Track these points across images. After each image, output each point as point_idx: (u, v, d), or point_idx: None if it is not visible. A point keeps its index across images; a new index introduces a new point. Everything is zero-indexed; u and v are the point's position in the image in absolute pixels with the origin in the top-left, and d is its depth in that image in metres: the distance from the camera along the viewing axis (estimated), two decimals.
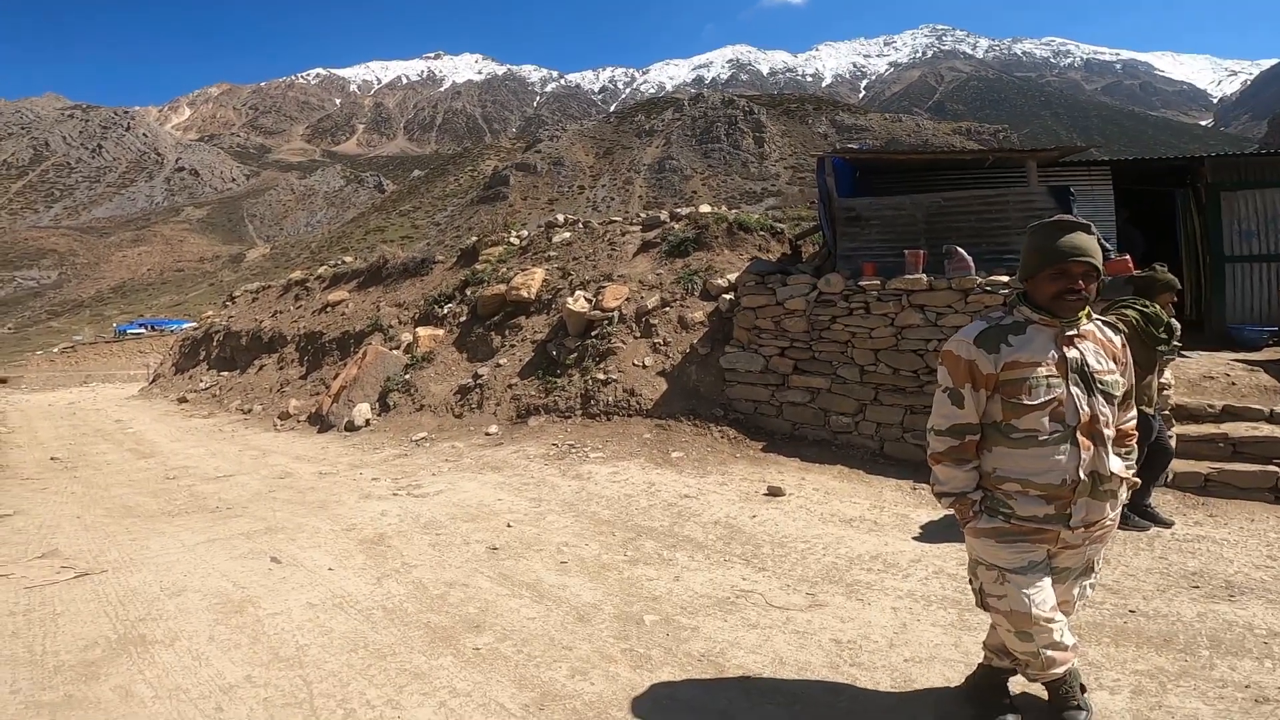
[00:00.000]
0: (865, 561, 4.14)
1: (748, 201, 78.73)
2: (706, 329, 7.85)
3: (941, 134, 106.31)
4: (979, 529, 2.40)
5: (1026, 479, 2.31)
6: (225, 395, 13.47)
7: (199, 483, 6.91)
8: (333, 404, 9.58)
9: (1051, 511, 2.30)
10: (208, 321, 19.02)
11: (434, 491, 5.90)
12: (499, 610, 3.62)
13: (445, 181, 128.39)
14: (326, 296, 14.09)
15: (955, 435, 2.38)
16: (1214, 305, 7.80)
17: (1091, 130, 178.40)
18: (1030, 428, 2.28)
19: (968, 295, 6.02)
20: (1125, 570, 3.89)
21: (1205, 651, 3.02)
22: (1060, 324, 2.31)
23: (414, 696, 2.84)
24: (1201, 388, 5.91)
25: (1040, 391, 2.27)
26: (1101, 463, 2.30)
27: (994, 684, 2.63)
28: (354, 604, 3.74)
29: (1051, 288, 2.29)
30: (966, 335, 2.38)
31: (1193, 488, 5.12)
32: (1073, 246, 2.26)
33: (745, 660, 3.07)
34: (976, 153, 8.24)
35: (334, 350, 11.94)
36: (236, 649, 3.25)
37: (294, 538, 4.89)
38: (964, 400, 2.35)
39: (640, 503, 5.37)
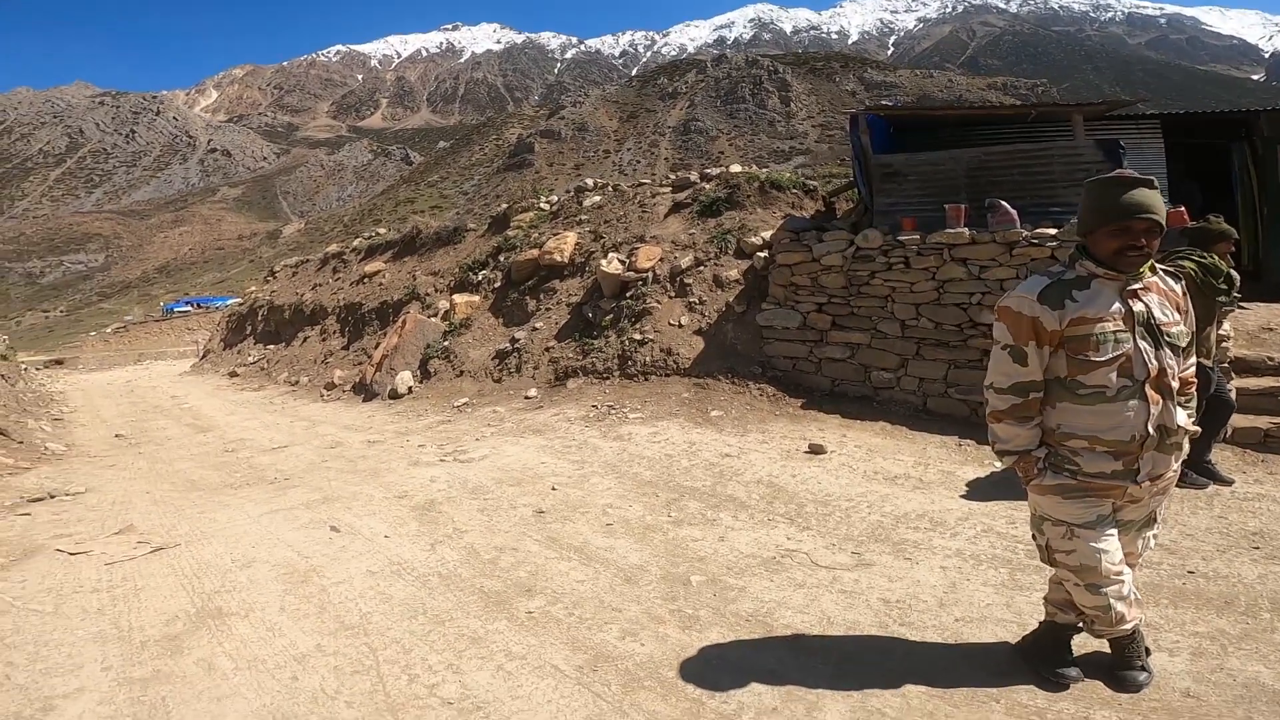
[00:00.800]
0: (911, 520, 4.11)
1: (776, 160, 76.96)
2: (742, 287, 7.78)
3: (976, 89, 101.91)
4: (1044, 486, 2.36)
5: (1094, 435, 2.27)
6: (272, 368, 13.85)
7: (256, 455, 7.15)
8: (376, 373, 9.80)
9: (1120, 467, 2.27)
10: (251, 297, 19.49)
11: (479, 456, 6.02)
12: (549, 574, 3.66)
13: (470, 151, 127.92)
14: (363, 268, 14.29)
15: (1018, 393, 2.34)
16: (1272, 256, 7.51)
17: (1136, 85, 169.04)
18: (1098, 384, 2.24)
19: (1013, 248, 5.87)
20: (1183, 530, 3.80)
21: (1267, 614, 2.95)
22: (1124, 278, 2.25)
23: (473, 660, 2.88)
24: (1260, 340, 5.69)
25: (1108, 347, 2.22)
26: (1169, 416, 2.26)
27: (1057, 640, 2.61)
28: (411, 571, 3.80)
29: (1113, 244, 2.22)
30: (1029, 291, 2.31)
31: (1252, 444, 4.96)
32: (1135, 203, 2.18)
33: (793, 620, 3.08)
34: (1018, 108, 7.95)
35: (374, 320, 12.16)
36: (306, 619, 3.33)
37: (349, 506, 5.01)
38: (1027, 357, 2.30)
39: (681, 463, 5.41)
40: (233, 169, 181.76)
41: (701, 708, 2.51)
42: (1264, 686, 2.45)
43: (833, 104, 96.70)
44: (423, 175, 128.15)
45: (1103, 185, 2.27)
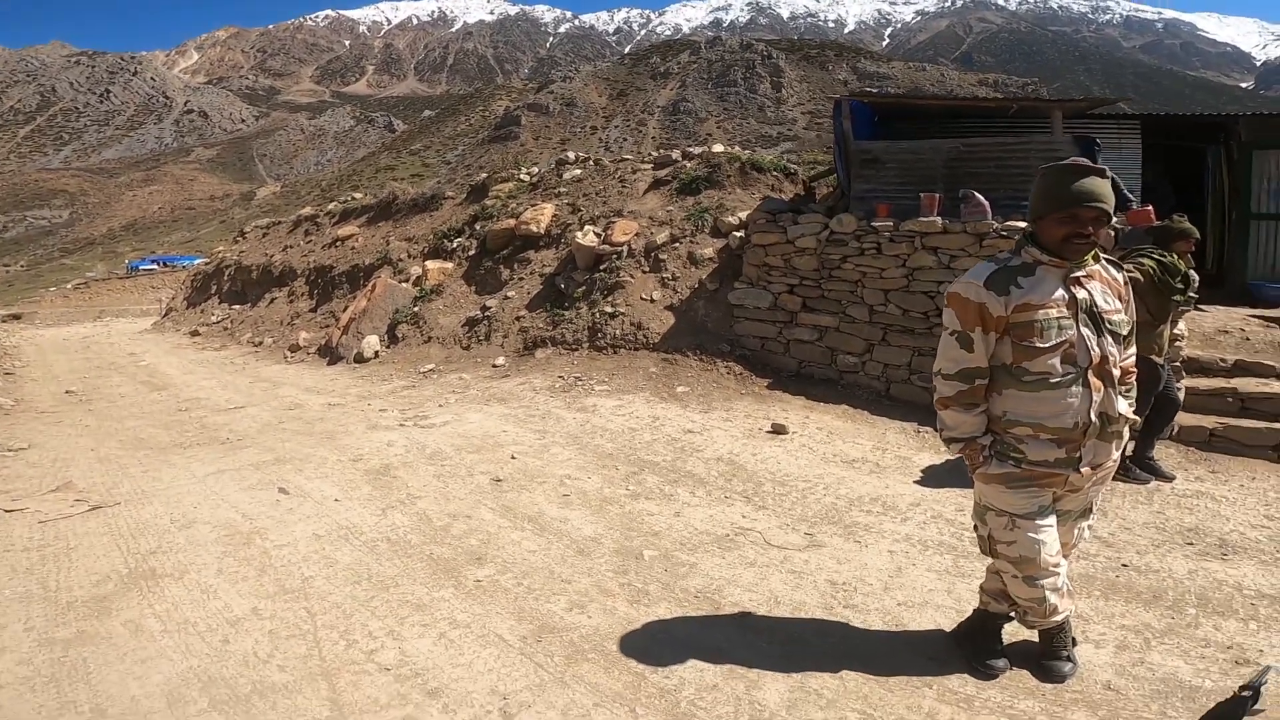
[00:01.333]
0: (865, 503, 4.15)
1: (763, 145, 76.77)
2: (716, 265, 7.75)
3: (967, 84, 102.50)
4: (989, 474, 2.37)
5: (1039, 422, 2.27)
6: (236, 328, 13.56)
7: (210, 414, 7.00)
8: (342, 336, 9.63)
9: (1063, 455, 2.28)
10: (219, 257, 19.01)
11: (440, 423, 5.95)
12: (501, 543, 3.65)
13: (456, 121, 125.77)
14: (336, 231, 14.00)
15: (964, 379, 2.34)
16: (1236, 261, 7.65)
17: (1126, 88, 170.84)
18: (1042, 370, 2.24)
19: (983, 239, 5.89)
20: (1122, 524, 3.86)
21: (1192, 610, 3.01)
22: (1068, 265, 2.25)
23: (414, 628, 2.87)
24: (1215, 341, 5.78)
25: (1052, 333, 2.22)
26: (1110, 404, 2.27)
27: (988, 629, 2.64)
28: (359, 535, 3.77)
29: (1060, 231, 2.21)
30: (975, 277, 2.31)
31: (1197, 442, 5.04)
32: (1085, 191, 2.17)
33: (741, 598, 3.10)
34: (999, 101, 7.95)
35: (344, 283, 11.94)
36: (244, 581, 3.29)
37: (301, 468, 4.94)
38: (973, 343, 2.30)
39: (644, 437, 5.39)
40: (209, 130, 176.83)
41: (643, 681, 2.52)
42: (1181, 682, 2.50)
43: (824, 92, 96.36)
44: (405, 143, 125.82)
45: (1055, 172, 2.25)
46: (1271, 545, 3.61)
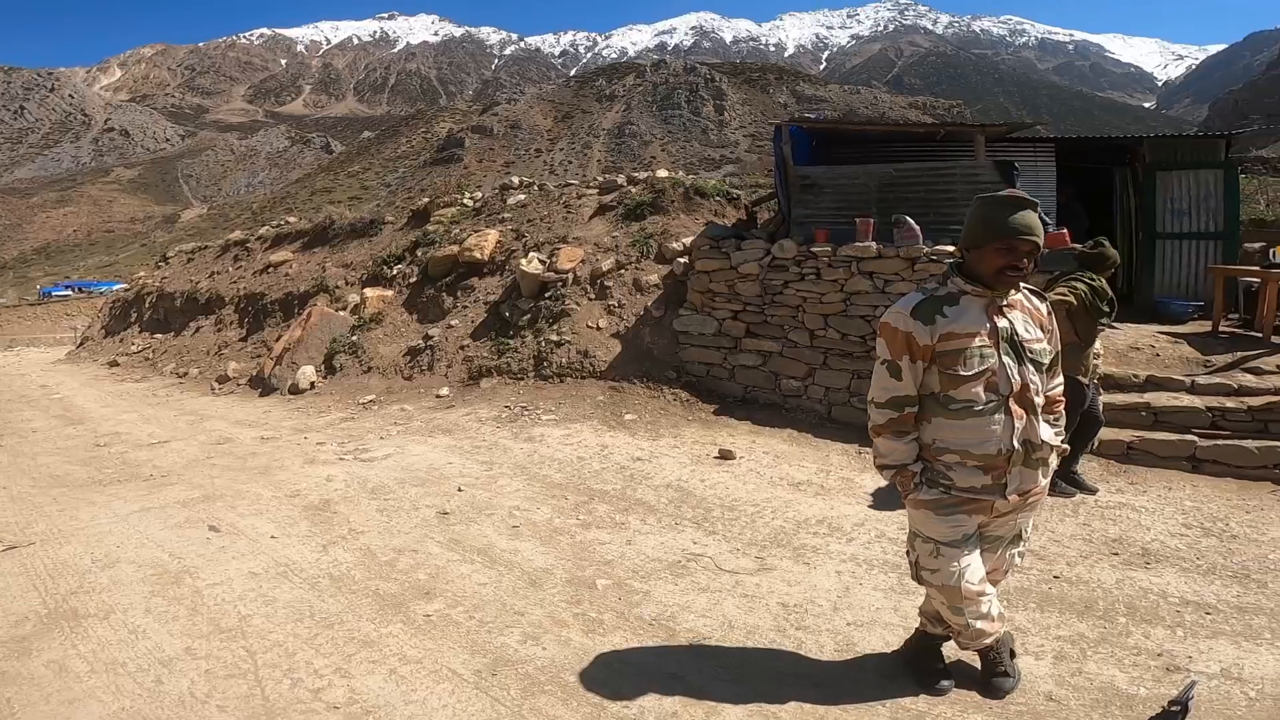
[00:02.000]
0: (812, 525, 4.22)
1: (706, 168, 78.42)
2: (661, 292, 7.83)
3: (898, 107, 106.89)
4: (920, 500, 2.41)
5: (965, 450, 2.33)
6: (159, 359, 12.90)
7: (131, 450, 6.62)
8: (275, 366, 9.27)
9: (989, 481, 2.33)
10: (140, 283, 18.07)
11: (382, 455, 5.79)
12: (450, 576, 3.58)
13: (397, 143, 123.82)
14: (268, 257, 13.52)
15: (894, 407, 2.38)
16: (1144, 279, 8.12)
17: (1041, 109, 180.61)
18: (966, 398, 2.30)
19: (914, 264, 6.13)
20: (1051, 536, 4.04)
21: (1122, 619, 3.15)
22: (991, 294, 2.32)
23: (363, 665, 2.80)
24: (1128, 358, 6.14)
25: (975, 362, 2.28)
26: (1034, 431, 2.34)
27: (929, 649, 2.70)
28: (299, 572, 3.66)
29: (997, 261, 2.27)
30: (903, 307, 2.36)
31: (1115, 455, 5.32)
32: (1024, 225, 2.25)
33: (695, 624, 3.11)
34: (929, 126, 8.33)
35: (276, 312, 11.51)
36: (175, 621, 3.17)
37: (234, 505, 4.74)
38: (902, 372, 2.34)
39: (593, 465, 5.37)
40: (130, 149, 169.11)
41: (602, 712, 2.50)
42: (1119, 690, 2.61)
43: (765, 115, 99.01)
44: (343, 165, 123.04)
45: (994, 203, 2.32)
46: (1191, 553, 3.83)
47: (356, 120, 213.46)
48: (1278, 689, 2.62)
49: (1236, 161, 9.12)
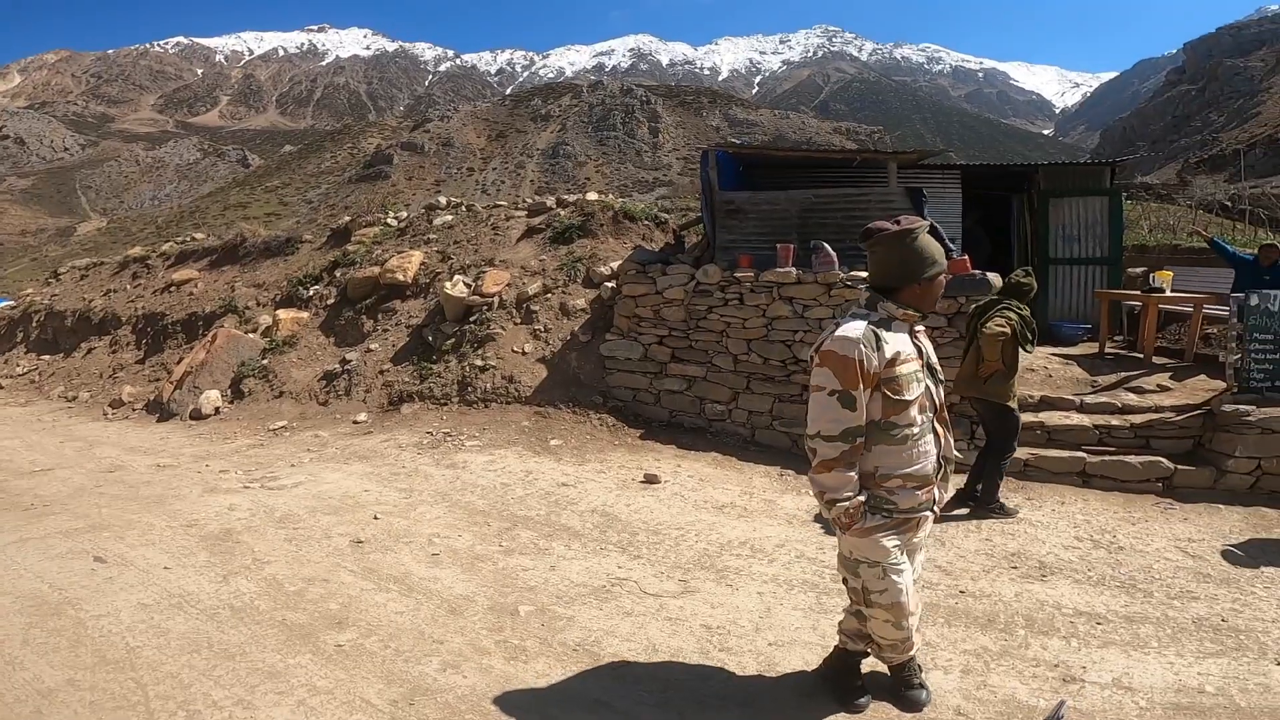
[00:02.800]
0: (735, 547, 4.28)
1: (640, 190, 79.28)
2: (588, 316, 7.82)
3: (824, 132, 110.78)
4: (867, 528, 2.39)
5: (907, 473, 2.37)
6: (46, 381, 11.87)
7: (11, 478, 6.08)
8: (175, 390, 8.69)
9: (924, 500, 2.43)
10: (27, 300, 16.66)
11: (292, 483, 5.51)
12: (364, 605, 3.47)
13: (321, 158, 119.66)
14: (171, 275, 12.74)
15: (847, 440, 2.31)
16: (1038, 304, 8.64)
17: (953, 135, 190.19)
18: (907, 422, 2.35)
19: (831, 289, 6.34)
20: (957, 552, 4.23)
21: (1022, 631, 3.31)
22: (917, 318, 2.43)
23: (268, 696, 2.70)
24: (1024, 379, 6.50)
25: (915, 386, 2.35)
26: (949, 447, 2.48)
27: (849, 666, 2.77)
28: (195, 603, 3.49)
29: (936, 291, 2.39)
30: (852, 334, 2.32)
31: (1014, 472, 5.58)
32: (942, 255, 2.39)
33: (620, 648, 3.11)
34: (846, 152, 8.68)
35: (178, 333, 10.83)
36: (55, 652, 3.02)
37: (123, 535, 4.44)
38: (856, 402, 2.29)
39: (517, 492, 5.28)
40: (25, 158, 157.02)
41: None
42: (1020, 703, 2.73)
43: (698, 138, 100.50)
44: (260, 180, 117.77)
45: (927, 238, 2.40)
46: (1082, 565, 4.08)
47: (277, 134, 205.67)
48: (1166, 698, 2.79)
49: (1122, 188, 9.90)
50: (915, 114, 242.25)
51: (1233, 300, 5.67)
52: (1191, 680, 2.92)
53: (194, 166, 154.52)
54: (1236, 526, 4.69)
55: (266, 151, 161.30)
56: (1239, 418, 5.26)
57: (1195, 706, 2.74)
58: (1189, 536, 4.52)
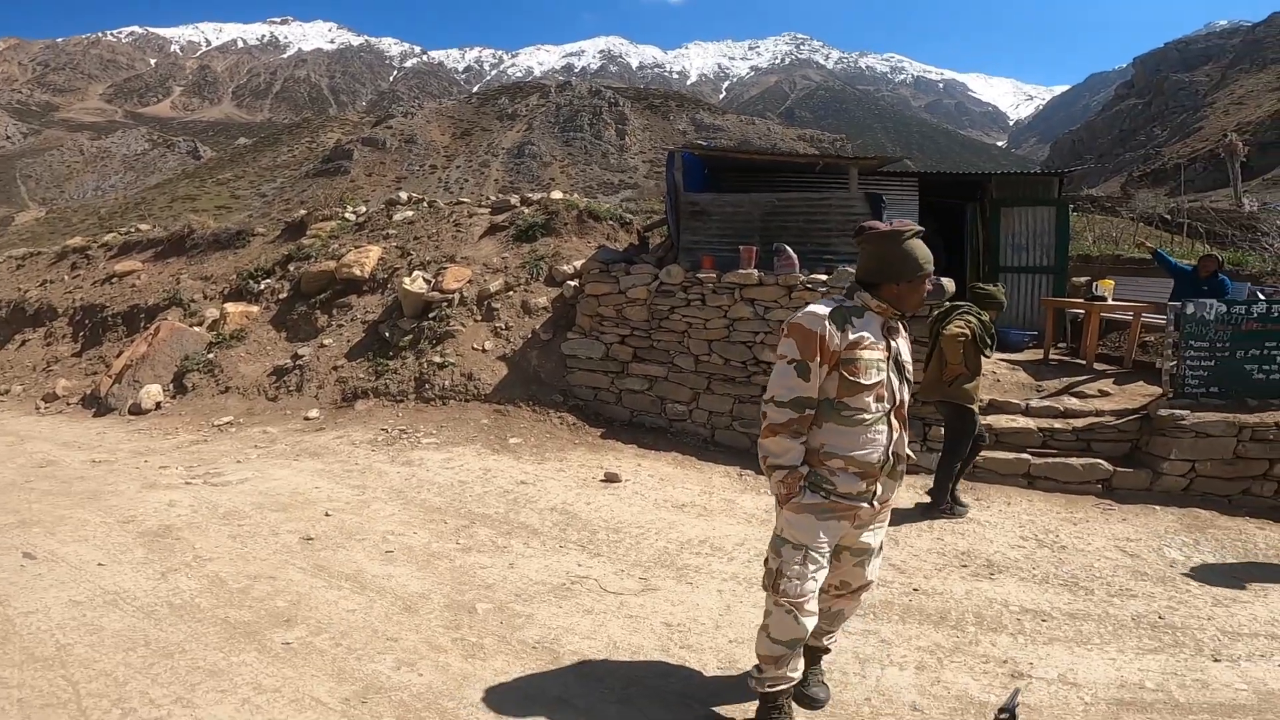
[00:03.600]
0: (695, 546, 4.29)
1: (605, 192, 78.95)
2: (550, 315, 7.76)
3: (789, 139, 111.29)
4: (802, 504, 2.42)
5: (850, 456, 2.40)
6: None
7: None
8: (114, 385, 8.32)
9: (863, 489, 2.44)
10: None
11: (237, 480, 5.32)
12: (313, 603, 3.38)
13: (277, 151, 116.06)
14: (113, 266, 12.20)
15: (796, 408, 2.39)
16: None
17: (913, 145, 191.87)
18: (859, 406, 2.39)
19: (792, 291, 6.40)
20: (911, 551, 4.32)
21: (972, 628, 3.39)
22: (891, 314, 2.46)
23: (209, 694, 2.62)
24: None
25: (873, 373, 2.39)
26: (902, 444, 2.51)
27: (811, 660, 2.77)
28: (131, 601, 3.36)
29: (919, 294, 2.44)
30: (820, 310, 2.41)
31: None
32: (929, 256, 2.44)
33: (580, 646, 3.09)
34: (809, 157, 8.80)
35: (119, 325, 10.37)
36: None
37: (54, 531, 4.25)
38: (810, 373, 2.37)
39: (475, 489, 5.19)
40: None
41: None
42: (972, 699, 2.79)
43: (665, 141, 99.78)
44: (212, 172, 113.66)
45: (908, 238, 2.45)
46: (1028, 564, 4.20)
47: (232, 126, 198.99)
48: (1110, 693, 2.87)
49: (1069, 199, 10.26)
50: (877, 123, 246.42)
51: (1170, 309, 5.92)
52: (1133, 676, 3.01)
53: (141, 157, 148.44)
54: (1171, 526, 4.89)
55: (219, 144, 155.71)
56: (1174, 422, 5.48)
57: (1137, 702, 2.83)
58: (1127, 536, 4.70)
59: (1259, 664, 3.16)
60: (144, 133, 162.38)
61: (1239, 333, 5.63)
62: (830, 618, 2.71)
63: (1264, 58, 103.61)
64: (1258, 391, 5.63)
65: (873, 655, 3.11)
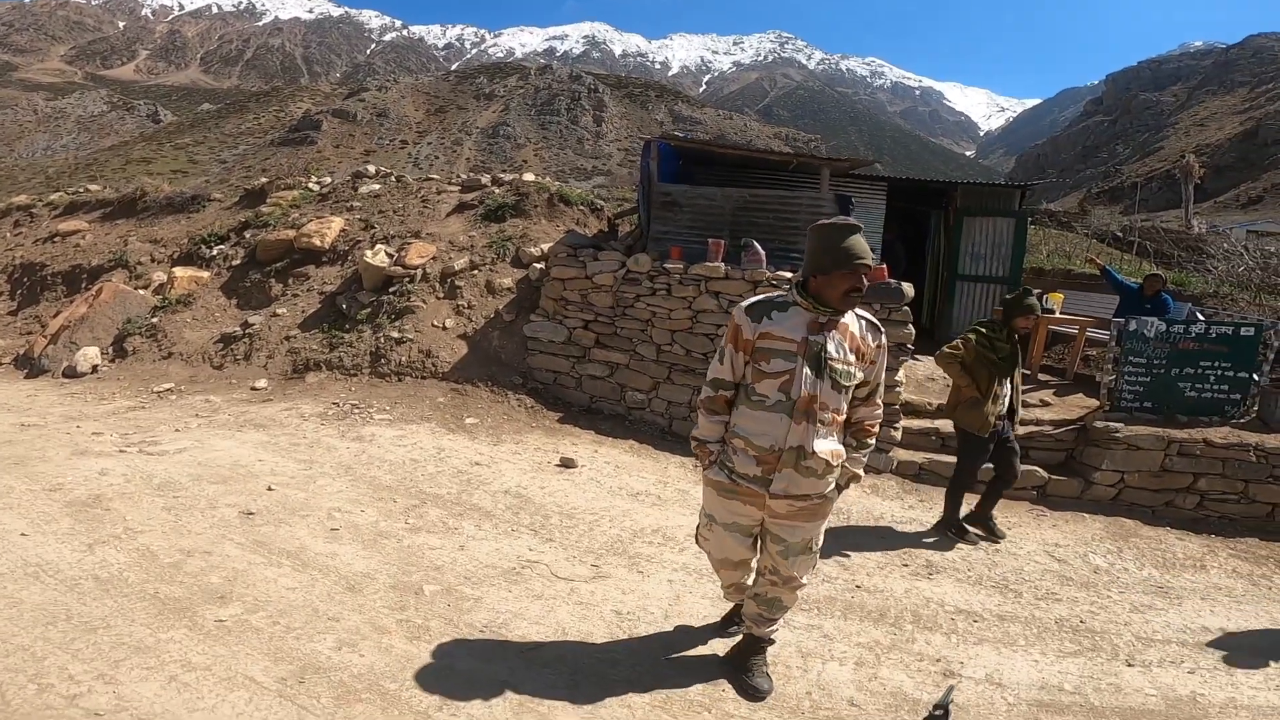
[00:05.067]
0: (647, 535, 4.28)
1: (577, 178, 78.14)
2: (514, 296, 7.65)
3: (765, 136, 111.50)
4: (709, 478, 2.69)
5: (748, 438, 2.54)
6: None
7: None
8: (49, 345, 7.93)
9: (759, 473, 2.53)
10: None
11: (175, 449, 5.10)
12: (251, 580, 3.27)
13: (242, 119, 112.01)
14: (57, 225, 11.62)
15: (713, 388, 2.65)
16: (945, 316, 9.09)
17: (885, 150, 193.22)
18: (763, 393, 2.52)
19: (757, 286, 6.40)
20: (855, 548, 4.38)
21: (909, 626, 3.46)
22: (816, 309, 2.48)
23: (133, 671, 2.53)
24: (925, 387, 6.86)
25: (778, 363, 2.49)
26: (808, 439, 2.48)
27: (753, 650, 2.85)
28: (54, 573, 3.20)
29: (844, 286, 2.44)
30: (746, 303, 2.64)
31: (910, 475, 5.90)
32: (864, 249, 2.45)
33: (528, 631, 3.07)
34: (783, 155, 8.82)
35: (58, 285, 9.89)
36: None
37: None
38: (726, 358, 2.61)
39: (428, 468, 5.09)
40: None
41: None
42: (907, 696, 2.85)
43: (642, 130, 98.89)
44: (171, 136, 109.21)
45: (840, 230, 2.49)
46: (964, 565, 4.31)
47: (197, 91, 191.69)
48: (1031, 694, 2.97)
49: (1029, 212, 10.51)
50: (853, 125, 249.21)
51: (1114, 325, 6.12)
52: (1053, 678, 3.12)
53: (98, 119, 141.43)
54: (1098, 534, 5.07)
55: (182, 109, 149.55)
56: (1108, 434, 5.68)
57: (1055, 704, 2.93)
58: (1056, 542, 4.86)
59: (1169, 670, 3.30)
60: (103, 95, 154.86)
61: (1176, 351, 5.83)
62: (767, 604, 2.75)
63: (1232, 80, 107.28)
64: (1189, 409, 5.87)
65: (815, 650, 3.14)
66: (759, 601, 2.76)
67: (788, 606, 2.79)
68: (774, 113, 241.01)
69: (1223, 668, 3.36)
